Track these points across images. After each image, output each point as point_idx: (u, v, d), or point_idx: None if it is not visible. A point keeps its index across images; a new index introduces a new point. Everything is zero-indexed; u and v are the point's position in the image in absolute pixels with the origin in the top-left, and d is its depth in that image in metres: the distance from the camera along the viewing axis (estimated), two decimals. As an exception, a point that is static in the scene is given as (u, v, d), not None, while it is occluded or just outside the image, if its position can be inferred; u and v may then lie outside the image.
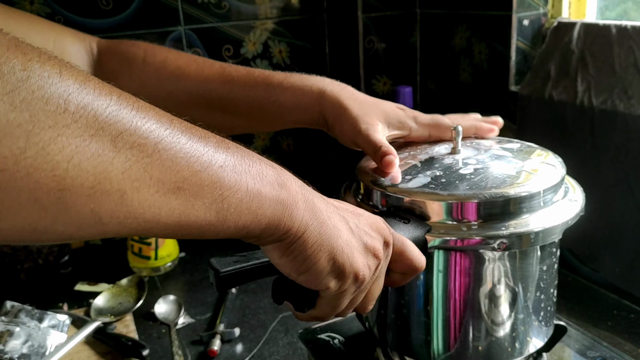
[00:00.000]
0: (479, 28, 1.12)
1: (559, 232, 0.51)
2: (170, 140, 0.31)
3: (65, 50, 0.66)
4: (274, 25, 1.33)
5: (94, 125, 0.28)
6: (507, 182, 0.51)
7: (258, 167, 0.36)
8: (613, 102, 0.88)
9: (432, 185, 0.52)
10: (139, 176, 0.29)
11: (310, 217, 0.38)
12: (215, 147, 0.34)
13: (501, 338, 0.56)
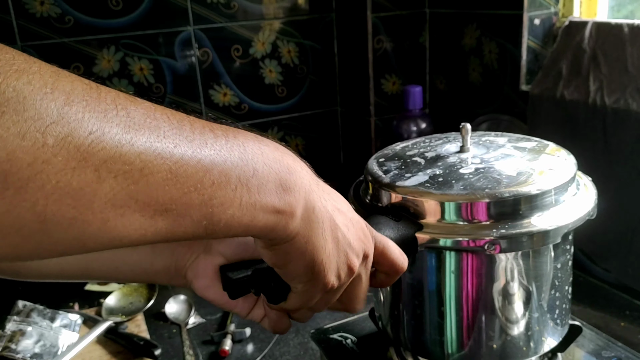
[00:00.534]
0: (490, 27, 1.12)
1: (556, 236, 0.50)
2: (158, 162, 0.29)
3: None
4: (282, 25, 1.33)
5: (76, 156, 0.26)
6: (503, 183, 0.50)
7: (261, 174, 0.34)
8: (626, 101, 0.88)
9: (427, 184, 0.52)
10: (124, 203, 0.28)
11: (304, 226, 0.37)
12: (212, 158, 0.31)
13: (515, 337, 0.56)
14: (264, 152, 0.35)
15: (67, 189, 0.26)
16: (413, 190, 0.52)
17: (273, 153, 0.35)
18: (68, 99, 0.27)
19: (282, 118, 1.38)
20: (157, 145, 0.29)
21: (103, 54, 1.19)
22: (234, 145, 0.33)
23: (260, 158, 0.34)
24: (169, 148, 0.30)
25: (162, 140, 0.30)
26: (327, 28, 1.38)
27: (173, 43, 1.24)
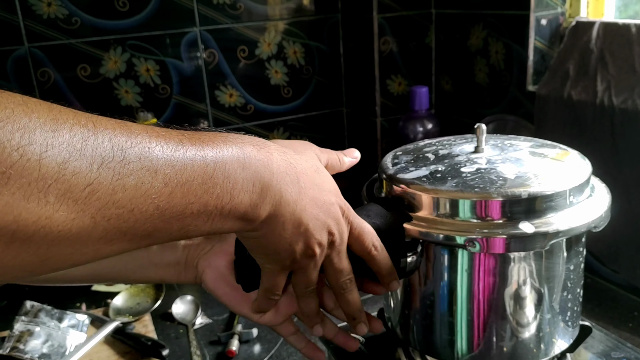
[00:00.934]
0: (496, 28, 1.12)
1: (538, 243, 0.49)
2: (147, 202, 0.32)
3: None
4: (288, 26, 1.33)
5: (74, 209, 0.29)
6: (496, 184, 0.50)
7: (240, 187, 0.37)
8: (634, 102, 0.87)
9: (424, 178, 0.53)
10: (115, 237, 0.31)
11: (266, 224, 0.40)
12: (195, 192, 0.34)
13: (526, 339, 0.56)
14: (234, 170, 0.37)
15: (67, 236, 0.29)
16: (409, 183, 0.53)
17: (244, 162, 0.38)
18: (67, 155, 0.28)
19: (287, 119, 1.39)
20: (148, 186, 0.32)
21: (110, 54, 1.20)
22: (216, 172, 0.36)
23: (232, 174, 0.37)
24: (159, 187, 0.33)
25: (154, 179, 0.32)
26: (333, 29, 1.38)
27: (179, 44, 1.24)
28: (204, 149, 0.36)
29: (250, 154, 0.39)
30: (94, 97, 1.21)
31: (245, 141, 0.40)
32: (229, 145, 0.38)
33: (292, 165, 0.42)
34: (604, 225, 0.53)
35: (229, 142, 0.38)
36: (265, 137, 1.46)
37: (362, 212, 0.53)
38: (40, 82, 1.16)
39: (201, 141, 0.36)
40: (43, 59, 1.15)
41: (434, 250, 0.54)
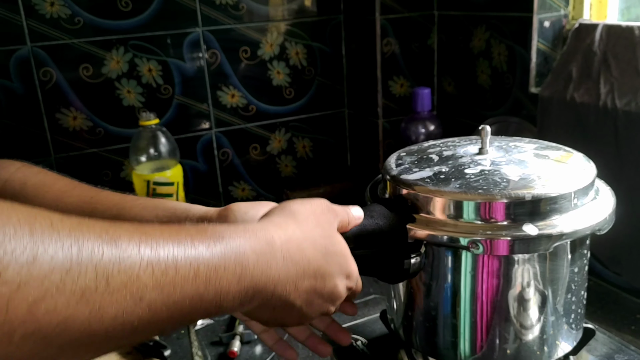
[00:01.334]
0: (499, 29, 1.12)
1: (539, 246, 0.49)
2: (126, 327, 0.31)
3: None
4: (290, 27, 1.33)
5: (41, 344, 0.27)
6: (500, 186, 0.50)
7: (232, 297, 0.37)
8: (637, 104, 0.87)
9: (428, 179, 0.53)
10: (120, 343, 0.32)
11: (257, 307, 0.41)
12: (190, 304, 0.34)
13: (530, 341, 0.56)
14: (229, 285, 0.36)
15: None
16: (412, 184, 0.53)
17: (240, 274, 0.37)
18: (42, 294, 0.27)
19: (289, 119, 1.38)
20: (130, 313, 0.30)
21: (112, 54, 1.20)
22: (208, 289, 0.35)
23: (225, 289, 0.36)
24: (142, 312, 0.31)
25: (137, 306, 0.31)
26: (335, 30, 1.38)
27: (182, 44, 1.24)
28: (199, 266, 0.34)
29: (248, 260, 0.37)
30: (96, 97, 1.21)
31: (246, 243, 0.38)
32: (228, 255, 0.36)
33: (294, 262, 0.42)
34: (609, 228, 0.53)
35: (229, 248, 0.36)
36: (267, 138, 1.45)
37: (366, 212, 0.53)
38: (43, 81, 1.16)
39: (197, 252, 0.34)
40: (45, 58, 1.15)
41: (437, 251, 0.54)
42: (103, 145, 1.23)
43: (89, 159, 1.23)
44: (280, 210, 0.45)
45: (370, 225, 0.52)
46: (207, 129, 1.31)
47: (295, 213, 0.44)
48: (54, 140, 1.19)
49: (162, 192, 1.07)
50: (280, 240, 0.41)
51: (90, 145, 1.22)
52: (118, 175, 1.26)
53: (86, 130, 1.21)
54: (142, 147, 1.08)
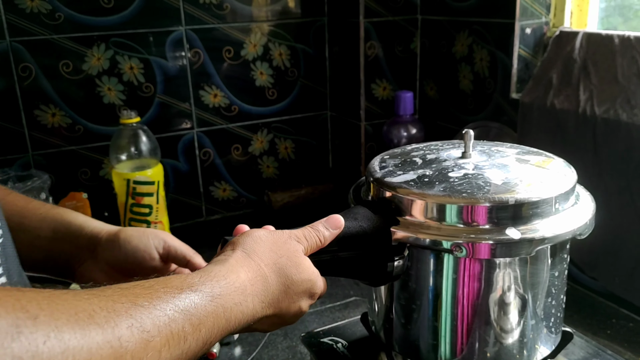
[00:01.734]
0: (481, 35, 1.13)
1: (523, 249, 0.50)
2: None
3: None
4: (274, 27, 1.33)
5: None
6: (484, 190, 0.51)
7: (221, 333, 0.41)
8: (616, 112, 0.89)
9: (412, 182, 0.53)
10: None
11: None
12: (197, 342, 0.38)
13: (509, 345, 0.56)
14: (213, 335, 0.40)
15: None
16: (396, 187, 0.53)
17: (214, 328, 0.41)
18: None
19: (272, 120, 1.38)
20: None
21: (93, 51, 1.18)
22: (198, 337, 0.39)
23: (216, 334, 0.40)
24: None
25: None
26: (319, 32, 1.38)
27: (164, 43, 1.23)
28: (198, 327, 0.38)
29: (231, 312, 0.42)
30: (75, 93, 1.19)
31: (227, 295, 0.42)
32: (218, 311, 0.40)
33: (261, 299, 0.45)
34: (589, 232, 0.54)
35: (217, 304, 0.40)
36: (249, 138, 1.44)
37: (350, 214, 0.52)
38: (21, 77, 1.14)
39: (191, 319, 0.38)
40: (25, 53, 1.13)
41: (419, 254, 0.54)
42: (82, 143, 1.22)
43: (68, 156, 1.21)
44: (243, 247, 0.47)
45: (354, 228, 0.52)
46: (189, 128, 1.30)
47: (256, 251, 0.47)
48: (32, 137, 1.17)
49: (142, 191, 1.06)
50: (250, 282, 0.44)
51: (69, 142, 1.21)
52: (97, 173, 1.24)
53: (65, 127, 1.20)
54: (122, 145, 1.06)
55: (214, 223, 1.37)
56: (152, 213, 1.07)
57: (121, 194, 1.06)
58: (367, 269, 0.54)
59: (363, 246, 0.52)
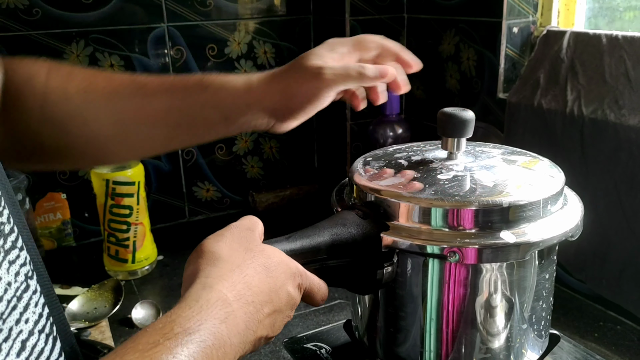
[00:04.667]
0: (468, 34, 1.11)
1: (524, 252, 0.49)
2: None
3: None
4: (259, 25, 1.31)
5: None
6: (477, 192, 0.49)
7: None
8: (603, 112, 0.88)
9: (400, 185, 0.51)
10: None
11: None
12: None
13: (496, 349, 0.55)
14: None
15: None
16: (385, 191, 0.51)
17: None
18: None
19: (256, 120, 1.36)
20: None
21: (72, 48, 1.15)
22: None
23: None
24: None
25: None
26: (305, 30, 1.36)
27: (146, 40, 1.20)
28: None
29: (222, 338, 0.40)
30: (54, 91, 1.16)
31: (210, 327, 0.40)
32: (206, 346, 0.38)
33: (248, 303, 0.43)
34: (579, 234, 0.52)
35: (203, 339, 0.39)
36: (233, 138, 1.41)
37: (338, 220, 0.51)
38: (-3, 74, 1.11)
39: None
40: (1, 50, 1.10)
41: (407, 259, 0.52)
42: (61, 142, 1.19)
43: (46, 156, 1.18)
44: (207, 260, 0.45)
45: (344, 235, 0.50)
46: (171, 127, 1.27)
47: (221, 256, 0.45)
48: (9, 136, 1.14)
49: (122, 191, 1.03)
50: (232, 294, 0.42)
51: (47, 141, 1.17)
52: (76, 173, 1.21)
53: (43, 126, 1.16)
54: (101, 144, 1.04)
55: (197, 224, 1.34)
56: (133, 214, 1.05)
57: (100, 194, 1.03)
58: (356, 277, 0.52)
59: (353, 254, 0.50)
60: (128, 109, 0.59)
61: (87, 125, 0.58)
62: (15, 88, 0.57)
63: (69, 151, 0.59)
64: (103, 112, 0.58)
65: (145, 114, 0.59)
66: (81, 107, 0.58)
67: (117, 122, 0.59)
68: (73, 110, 0.58)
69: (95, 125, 0.58)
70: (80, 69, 0.62)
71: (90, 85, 0.59)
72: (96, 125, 0.58)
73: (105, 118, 0.59)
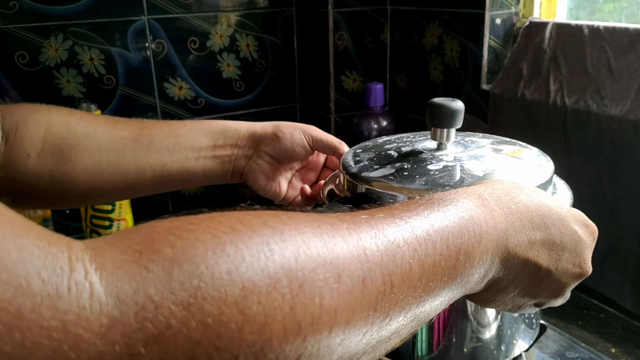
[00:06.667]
0: (451, 26, 1.12)
1: None
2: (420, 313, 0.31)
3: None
4: (241, 18, 1.30)
5: None
6: (467, 182, 0.49)
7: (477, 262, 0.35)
8: (586, 102, 0.89)
9: (391, 176, 0.51)
10: None
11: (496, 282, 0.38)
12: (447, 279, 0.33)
13: (487, 340, 0.55)
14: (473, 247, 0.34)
15: None
16: (376, 182, 0.51)
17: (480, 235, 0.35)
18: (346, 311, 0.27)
19: (239, 114, 1.35)
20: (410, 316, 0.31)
21: (50, 42, 1.13)
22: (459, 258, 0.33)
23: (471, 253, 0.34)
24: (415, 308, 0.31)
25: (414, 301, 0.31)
26: (287, 22, 1.35)
27: (126, 33, 1.18)
28: (448, 237, 0.33)
29: (479, 217, 0.35)
30: (32, 86, 1.14)
31: (466, 206, 0.36)
32: (464, 217, 0.34)
33: (511, 211, 0.38)
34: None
35: (462, 210, 0.35)
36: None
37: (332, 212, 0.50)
38: (-27, 68, 1.08)
39: (441, 222, 0.33)
40: (-24, 44, 1.07)
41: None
42: (40, 138, 1.16)
43: (25, 152, 1.15)
44: None
45: None
46: (153, 122, 1.26)
47: None
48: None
49: (105, 187, 1.01)
50: (488, 193, 0.38)
51: (27, 137, 1.15)
52: (57, 169, 1.19)
53: (22, 122, 1.14)
54: (83, 139, 1.02)
55: (181, 219, 1.33)
56: (115, 210, 1.03)
57: (82, 190, 1.02)
58: None
59: None
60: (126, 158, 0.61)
61: (87, 153, 0.59)
62: (18, 122, 0.58)
63: (64, 185, 0.60)
64: (104, 140, 0.60)
65: None
66: (81, 137, 0.59)
67: (116, 150, 0.60)
68: (74, 139, 0.59)
69: (95, 152, 0.59)
70: (88, 116, 0.64)
71: (93, 117, 0.62)
72: (96, 152, 0.59)
73: (105, 145, 0.60)
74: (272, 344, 0.23)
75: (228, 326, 0.22)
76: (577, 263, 0.41)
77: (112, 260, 0.23)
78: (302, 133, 0.67)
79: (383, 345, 0.30)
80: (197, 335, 0.22)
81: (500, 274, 0.37)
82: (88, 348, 0.20)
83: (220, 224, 0.26)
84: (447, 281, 0.32)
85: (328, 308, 0.25)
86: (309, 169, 0.73)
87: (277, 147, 0.65)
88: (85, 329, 0.20)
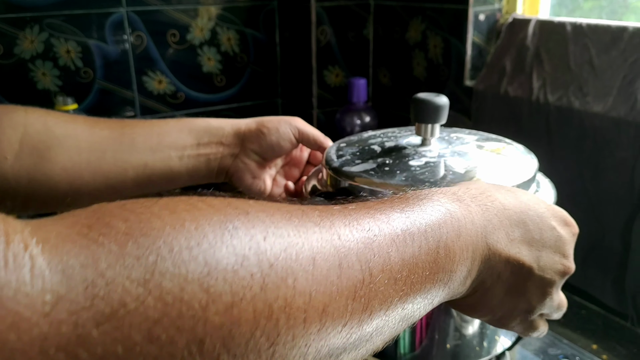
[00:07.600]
0: (435, 22, 1.11)
1: None
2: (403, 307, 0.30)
3: None
4: (222, 11, 1.28)
5: None
6: (447, 178, 0.49)
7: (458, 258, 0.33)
8: (568, 99, 0.88)
9: (372, 171, 0.50)
10: None
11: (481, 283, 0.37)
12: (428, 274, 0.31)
13: (469, 337, 0.54)
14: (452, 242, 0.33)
15: None
16: (357, 176, 0.50)
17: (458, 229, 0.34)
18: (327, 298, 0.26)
19: (220, 108, 1.33)
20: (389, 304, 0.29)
21: (25, 33, 1.10)
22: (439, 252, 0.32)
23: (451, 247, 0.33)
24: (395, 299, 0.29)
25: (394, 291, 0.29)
26: (269, 16, 1.33)
27: (104, 25, 1.16)
28: (426, 229, 0.32)
29: (456, 214, 0.34)
30: (6, 79, 1.11)
31: (442, 200, 0.35)
32: (441, 210, 0.33)
33: (487, 207, 0.37)
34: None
35: (438, 204, 0.34)
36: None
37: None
38: (-55, 60, 1.05)
39: (418, 215, 0.32)
40: (-52, 34, 1.04)
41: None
42: (15, 132, 1.13)
43: None
44: None
45: None
46: (132, 116, 1.23)
47: None
48: (-42, 125, 1.08)
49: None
50: (461, 191, 0.37)
51: (1, 131, 1.12)
52: (32, 164, 1.16)
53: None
54: (58, 133, 0.99)
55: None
56: (93, 206, 1.01)
57: (58, 185, 0.99)
58: None
59: None
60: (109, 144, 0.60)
61: (67, 153, 0.57)
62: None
63: (42, 187, 0.57)
64: (84, 141, 0.58)
65: None
66: (59, 137, 0.57)
67: (96, 150, 0.59)
68: (53, 140, 0.57)
69: (74, 153, 0.57)
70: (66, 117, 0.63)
71: (72, 118, 0.60)
72: (75, 152, 0.57)
73: (85, 145, 0.58)
74: (240, 327, 0.21)
75: (190, 305, 0.20)
76: (558, 259, 0.40)
77: (56, 234, 0.20)
78: (288, 126, 0.65)
79: (364, 344, 0.29)
80: (155, 314, 0.20)
81: (484, 274, 0.36)
82: (30, 328, 0.18)
83: (179, 202, 0.24)
84: (429, 276, 0.31)
85: (302, 290, 0.24)
86: (292, 165, 0.72)
87: (263, 144, 0.64)
88: (25, 306, 0.18)
